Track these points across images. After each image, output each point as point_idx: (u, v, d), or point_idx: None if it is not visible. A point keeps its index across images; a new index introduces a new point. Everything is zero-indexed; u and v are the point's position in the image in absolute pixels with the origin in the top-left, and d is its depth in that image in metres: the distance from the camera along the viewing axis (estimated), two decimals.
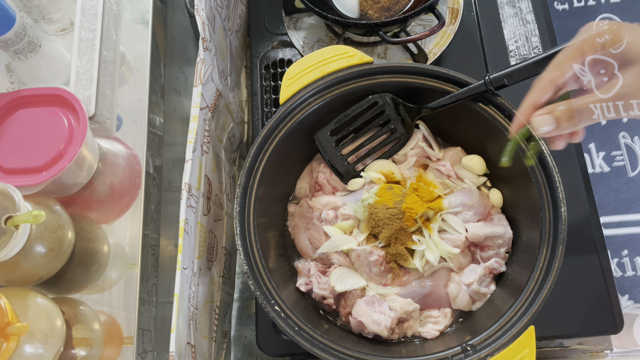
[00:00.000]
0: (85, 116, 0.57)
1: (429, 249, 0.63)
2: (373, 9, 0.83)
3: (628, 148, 1.27)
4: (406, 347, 0.62)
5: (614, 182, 1.26)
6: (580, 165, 0.75)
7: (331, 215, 0.67)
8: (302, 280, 0.66)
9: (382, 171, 0.69)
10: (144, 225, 0.65)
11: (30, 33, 0.62)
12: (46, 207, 0.55)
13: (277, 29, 0.88)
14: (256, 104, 0.83)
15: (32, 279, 0.54)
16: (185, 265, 0.58)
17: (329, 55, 0.66)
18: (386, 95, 0.66)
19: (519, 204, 0.64)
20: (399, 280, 0.64)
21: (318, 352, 0.55)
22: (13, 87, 0.71)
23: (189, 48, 0.88)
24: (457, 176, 0.68)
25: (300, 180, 0.72)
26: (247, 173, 0.63)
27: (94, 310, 0.61)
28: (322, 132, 0.68)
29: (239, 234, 0.60)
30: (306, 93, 0.65)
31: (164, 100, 0.75)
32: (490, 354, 0.54)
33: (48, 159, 0.55)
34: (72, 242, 0.57)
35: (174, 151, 0.75)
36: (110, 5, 0.67)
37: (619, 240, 1.23)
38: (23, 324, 0.47)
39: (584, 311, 0.68)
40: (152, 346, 0.64)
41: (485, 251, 0.65)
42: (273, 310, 0.57)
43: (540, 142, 0.60)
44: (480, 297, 0.64)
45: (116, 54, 0.68)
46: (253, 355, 0.90)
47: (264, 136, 0.64)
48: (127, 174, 0.66)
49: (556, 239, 0.57)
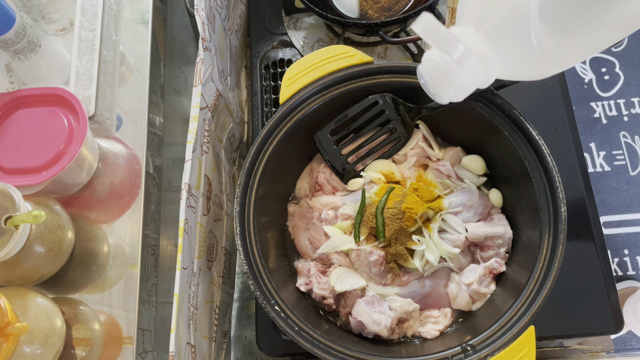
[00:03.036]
0: (85, 116, 0.57)
1: (429, 249, 0.63)
2: (373, 8, 0.83)
3: (629, 147, 1.27)
4: (406, 347, 0.62)
5: (615, 181, 1.26)
6: (580, 164, 0.75)
7: (331, 215, 0.67)
8: (302, 280, 0.66)
9: (382, 171, 0.69)
10: (144, 225, 0.65)
11: (30, 33, 0.62)
12: (46, 207, 0.55)
13: (277, 28, 0.88)
14: (256, 104, 0.83)
15: (32, 278, 0.54)
16: (185, 265, 0.58)
17: (328, 55, 0.65)
18: (386, 95, 0.66)
19: (519, 203, 0.64)
20: (399, 280, 0.64)
21: (318, 352, 0.55)
22: (13, 87, 0.71)
23: (189, 48, 0.88)
24: (457, 176, 0.68)
25: (300, 180, 0.72)
26: (247, 173, 0.63)
27: (94, 310, 0.61)
28: (322, 132, 0.68)
29: (239, 234, 0.60)
30: (306, 93, 0.65)
31: (163, 100, 0.75)
32: (490, 354, 0.54)
33: (48, 159, 0.55)
34: (72, 242, 0.57)
35: (174, 151, 0.75)
36: (110, 5, 0.67)
37: (619, 239, 1.23)
38: (23, 324, 0.47)
39: (584, 311, 0.68)
40: (152, 346, 0.64)
41: (485, 251, 0.65)
42: (273, 310, 0.57)
43: (540, 141, 0.60)
44: (480, 297, 0.64)
45: (116, 54, 0.68)
46: (253, 355, 0.90)
47: (264, 136, 0.64)
48: (127, 174, 0.66)
49: (556, 239, 0.57)
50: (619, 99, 1.30)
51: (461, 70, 0.41)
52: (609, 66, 1.33)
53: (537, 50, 0.38)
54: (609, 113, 1.30)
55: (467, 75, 0.41)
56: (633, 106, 1.30)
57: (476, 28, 0.41)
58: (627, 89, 1.31)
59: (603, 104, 1.30)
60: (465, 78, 0.41)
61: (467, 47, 0.40)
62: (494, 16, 0.39)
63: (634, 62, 1.33)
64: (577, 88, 1.32)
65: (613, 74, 1.33)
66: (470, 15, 0.41)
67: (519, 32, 0.38)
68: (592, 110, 1.30)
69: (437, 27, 0.40)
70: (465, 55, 0.40)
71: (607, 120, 1.30)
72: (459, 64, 0.40)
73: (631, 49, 1.33)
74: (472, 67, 0.40)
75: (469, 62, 0.40)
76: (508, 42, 0.40)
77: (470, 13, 0.41)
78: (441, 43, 0.40)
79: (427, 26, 0.40)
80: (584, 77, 1.33)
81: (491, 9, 0.39)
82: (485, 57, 0.41)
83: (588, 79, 1.32)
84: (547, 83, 0.80)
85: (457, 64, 0.40)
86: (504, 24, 0.39)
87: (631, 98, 1.30)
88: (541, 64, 0.40)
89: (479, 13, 0.40)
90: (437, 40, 0.40)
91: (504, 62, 0.41)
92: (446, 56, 0.41)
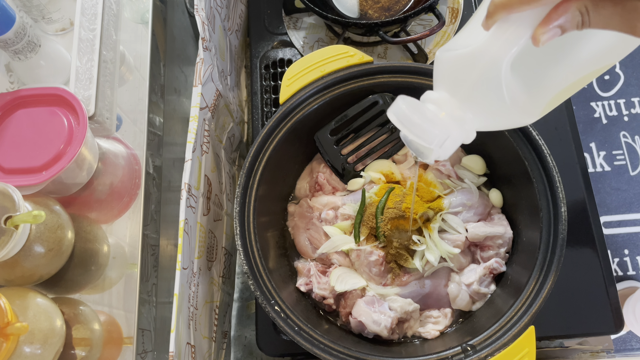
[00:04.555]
0: (85, 116, 0.57)
1: (429, 249, 0.63)
2: (373, 8, 0.83)
3: (629, 147, 1.27)
4: (406, 347, 0.62)
5: (615, 181, 1.26)
6: (581, 164, 0.75)
7: (331, 215, 0.67)
8: (302, 280, 0.66)
9: (382, 171, 0.69)
10: (144, 225, 0.65)
11: (30, 33, 0.62)
12: (46, 207, 0.55)
13: (277, 28, 0.88)
14: (256, 104, 0.83)
15: (32, 279, 0.54)
16: (185, 265, 0.58)
17: (328, 55, 0.65)
18: (386, 95, 0.66)
19: (519, 203, 0.64)
20: (399, 280, 0.64)
21: (318, 352, 0.55)
22: (13, 87, 0.71)
23: (188, 48, 0.88)
24: (457, 176, 0.68)
25: (300, 180, 0.72)
26: (247, 173, 0.62)
27: (93, 310, 0.61)
28: (322, 132, 0.68)
29: (238, 234, 0.60)
30: (306, 93, 0.65)
31: (163, 100, 0.75)
32: (491, 354, 0.54)
33: (48, 159, 0.55)
34: (72, 242, 0.57)
35: (174, 151, 0.75)
36: (110, 5, 0.67)
37: (620, 239, 1.23)
38: (23, 324, 0.47)
39: (584, 311, 0.68)
40: (152, 346, 0.64)
41: (485, 251, 0.65)
42: (273, 310, 0.57)
43: (540, 141, 0.60)
44: (481, 297, 0.64)
45: (116, 54, 0.68)
46: (253, 355, 0.90)
47: (264, 136, 0.64)
48: (126, 174, 0.66)
49: (556, 239, 0.57)
50: (619, 99, 1.30)
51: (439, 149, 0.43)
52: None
53: (510, 105, 0.40)
54: (609, 113, 1.30)
55: (448, 144, 0.43)
56: (633, 106, 1.30)
57: (451, 94, 0.42)
58: (627, 89, 1.31)
59: (603, 103, 1.30)
60: (447, 146, 0.43)
61: (444, 132, 0.42)
62: (468, 81, 0.41)
63: (634, 62, 1.33)
64: None
65: (613, 74, 1.33)
66: (445, 81, 0.43)
67: (492, 93, 0.40)
68: (592, 110, 1.30)
69: (411, 115, 0.42)
70: (442, 140, 0.42)
71: (607, 120, 1.30)
72: (437, 147, 0.42)
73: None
74: (451, 138, 0.42)
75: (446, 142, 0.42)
76: (483, 102, 0.42)
77: (445, 79, 0.43)
78: (418, 133, 0.42)
79: (400, 114, 0.42)
80: None
81: (465, 77, 0.41)
82: (462, 121, 0.42)
83: None
84: None
85: (436, 147, 0.42)
86: (478, 88, 0.41)
87: (631, 98, 1.30)
88: (517, 116, 0.43)
89: (454, 81, 0.42)
90: (413, 131, 0.42)
91: (481, 120, 0.43)
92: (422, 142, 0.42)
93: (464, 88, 0.41)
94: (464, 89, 0.41)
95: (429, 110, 0.42)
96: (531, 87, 0.41)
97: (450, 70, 0.42)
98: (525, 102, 0.41)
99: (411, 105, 0.42)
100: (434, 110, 0.42)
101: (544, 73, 0.41)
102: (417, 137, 0.42)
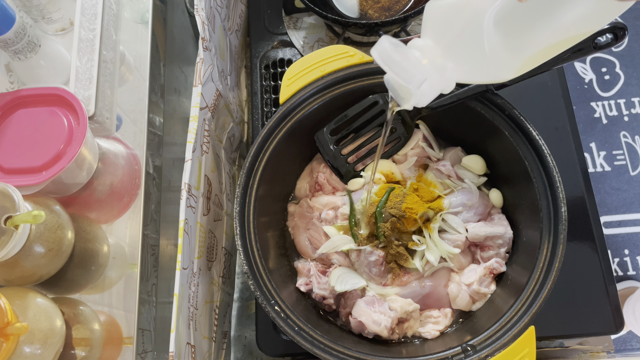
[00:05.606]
0: (85, 116, 0.57)
1: (429, 249, 0.63)
2: (373, 8, 0.83)
3: (629, 147, 1.27)
4: (406, 348, 0.62)
5: (615, 181, 1.26)
6: (581, 164, 0.75)
7: (331, 215, 0.67)
8: (302, 280, 0.66)
9: (382, 171, 0.68)
10: (144, 225, 0.65)
11: (30, 33, 0.62)
12: (46, 207, 0.55)
13: (277, 28, 0.88)
14: (256, 104, 0.83)
15: (31, 279, 0.54)
16: (185, 265, 0.58)
17: (328, 55, 0.65)
18: (386, 95, 0.66)
19: (519, 203, 0.64)
20: (399, 280, 0.64)
21: (318, 352, 0.55)
22: (13, 87, 0.71)
23: (188, 48, 0.88)
24: (457, 176, 0.68)
25: (300, 180, 0.72)
26: (247, 173, 0.62)
27: (93, 310, 0.61)
28: (322, 132, 0.68)
29: (238, 234, 0.60)
30: (306, 93, 0.65)
31: (163, 100, 0.75)
32: (491, 354, 0.54)
33: (48, 159, 0.55)
34: (72, 242, 0.57)
35: (174, 151, 0.75)
36: (110, 5, 0.67)
37: (620, 239, 1.23)
38: (23, 324, 0.47)
39: (584, 311, 0.68)
40: (152, 346, 0.64)
41: (485, 251, 0.65)
42: (273, 310, 0.57)
43: (540, 141, 0.60)
44: (481, 297, 0.64)
45: (116, 54, 0.68)
46: (253, 355, 0.90)
47: (264, 136, 0.64)
48: (126, 174, 0.66)
49: (556, 239, 0.57)
50: (620, 99, 1.30)
51: (418, 90, 0.44)
52: (609, 66, 1.33)
53: (489, 57, 0.43)
54: (609, 113, 1.30)
55: (426, 88, 0.44)
56: (633, 106, 1.30)
57: (436, 42, 0.44)
58: (628, 89, 1.31)
59: (603, 103, 1.30)
60: (425, 89, 0.44)
61: (423, 73, 0.43)
62: (452, 30, 0.43)
63: (634, 62, 1.33)
64: (578, 88, 1.32)
65: (613, 74, 1.33)
66: (431, 29, 0.45)
67: (474, 43, 0.42)
68: (592, 110, 1.30)
69: (393, 54, 0.43)
70: (420, 81, 0.43)
71: (607, 120, 1.29)
72: (416, 88, 0.44)
73: (631, 49, 1.33)
74: (430, 81, 0.44)
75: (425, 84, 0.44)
76: (464, 52, 0.44)
77: (431, 27, 0.45)
78: (398, 71, 0.43)
79: (383, 52, 0.43)
80: (584, 77, 1.33)
81: (450, 24, 0.43)
82: (443, 69, 0.44)
83: (588, 78, 1.32)
84: (548, 83, 0.80)
85: (414, 87, 0.44)
86: (461, 37, 0.43)
87: (631, 98, 1.30)
88: (494, 70, 0.45)
89: (439, 29, 0.44)
90: (393, 68, 0.43)
91: (461, 70, 0.45)
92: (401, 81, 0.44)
93: (447, 37, 0.43)
94: (448, 37, 0.43)
95: (412, 55, 0.44)
96: (511, 42, 0.43)
97: (436, 19, 0.44)
98: (504, 57, 0.43)
99: (395, 44, 0.44)
100: (417, 56, 0.44)
101: (525, 31, 0.43)
102: (396, 75, 0.43)
